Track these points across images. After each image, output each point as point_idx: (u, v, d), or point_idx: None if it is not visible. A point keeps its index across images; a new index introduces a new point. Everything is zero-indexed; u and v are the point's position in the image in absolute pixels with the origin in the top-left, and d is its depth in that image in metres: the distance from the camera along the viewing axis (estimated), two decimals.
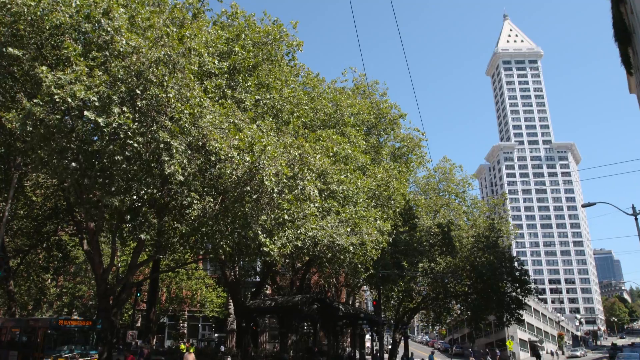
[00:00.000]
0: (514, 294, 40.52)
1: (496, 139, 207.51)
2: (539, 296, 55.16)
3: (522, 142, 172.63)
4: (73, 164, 19.39)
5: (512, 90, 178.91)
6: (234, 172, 16.72)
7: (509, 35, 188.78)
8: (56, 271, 35.01)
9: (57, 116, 16.48)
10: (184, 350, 31.99)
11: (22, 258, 33.60)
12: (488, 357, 57.77)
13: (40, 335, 22.30)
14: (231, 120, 17.85)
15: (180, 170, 16.31)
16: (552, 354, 77.38)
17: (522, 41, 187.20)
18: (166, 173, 16.32)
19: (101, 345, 24.13)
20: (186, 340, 44.82)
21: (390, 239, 25.75)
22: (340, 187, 21.82)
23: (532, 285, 42.18)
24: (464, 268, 40.14)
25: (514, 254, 66.28)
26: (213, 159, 17.05)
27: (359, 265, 23.69)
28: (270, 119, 20.82)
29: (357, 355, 36.14)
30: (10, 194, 20.96)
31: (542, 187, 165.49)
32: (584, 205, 26.64)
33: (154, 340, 41.90)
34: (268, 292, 42.91)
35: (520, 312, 42.35)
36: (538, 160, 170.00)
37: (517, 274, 40.61)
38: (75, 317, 40.16)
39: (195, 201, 17.04)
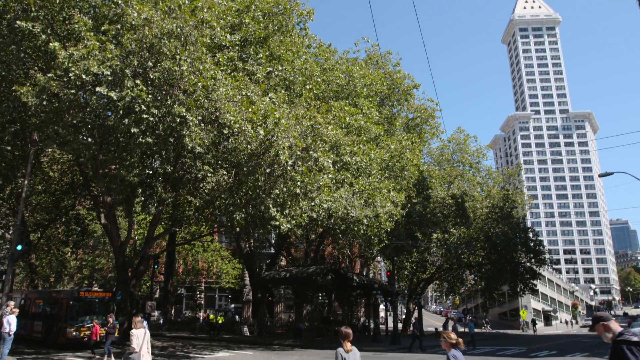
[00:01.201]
0: (528, 264, 40.52)
1: (512, 109, 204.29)
2: (554, 266, 55.02)
3: (538, 112, 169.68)
4: (89, 139, 19.59)
5: (528, 58, 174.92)
6: (247, 146, 16.72)
7: (526, 2, 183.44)
8: (75, 245, 35.77)
9: (72, 91, 16.55)
10: (213, 320, 32.98)
11: (42, 232, 34.35)
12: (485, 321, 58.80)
13: (63, 306, 22.94)
14: (244, 93, 17.76)
15: (200, 143, 16.38)
16: (566, 323, 77.77)
17: (539, 7, 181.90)
18: (188, 147, 16.37)
19: (121, 316, 24.77)
20: (204, 310, 45.79)
21: (404, 211, 25.74)
22: (354, 158, 21.74)
23: (547, 256, 42.14)
24: (477, 239, 40.13)
25: (529, 224, 66.05)
26: (226, 132, 17.05)
27: (373, 237, 23.80)
28: (283, 91, 20.68)
29: (372, 325, 36.64)
30: (28, 170, 21.26)
31: (558, 157, 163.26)
32: (600, 175, 26.26)
33: (172, 310, 42.91)
34: (283, 263, 43.43)
35: (534, 282, 42.43)
36: (554, 130, 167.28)
37: (532, 244, 40.52)
38: (96, 288, 41.17)
39: (209, 174, 17.14)
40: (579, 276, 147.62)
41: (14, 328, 16.56)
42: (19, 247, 20.08)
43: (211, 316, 34.60)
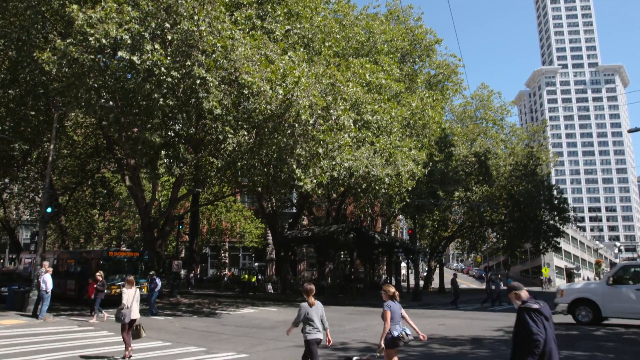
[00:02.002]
0: (551, 222, 40.16)
1: (538, 64, 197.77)
2: (578, 224, 54.43)
3: (565, 66, 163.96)
4: (110, 102, 19.73)
5: (557, 9, 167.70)
6: (267, 106, 16.63)
7: None
8: (102, 206, 36.72)
9: (91, 56, 16.57)
10: (245, 279, 33.95)
11: (70, 195, 35.25)
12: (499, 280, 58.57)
13: (93, 265, 23.74)
14: (262, 53, 17.52)
15: (217, 105, 16.35)
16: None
17: None
18: (206, 109, 16.39)
19: (149, 274, 25.58)
20: (228, 269, 46.98)
21: (426, 170, 25.54)
22: (374, 117, 21.47)
23: (571, 213, 41.65)
24: (500, 197, 39.79)
25: (553, 182, 64.99)
26: (246, 92, 16.94)
27: (394, 196, 23.76)
28: (302, 50, 20.33)
29: (393, 282, 37.14)
30: (53, 134, 21.58)
31: (585, 112, 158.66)
32: (630, 131, 25.44)
33: (198, 269, 44.10)
34: (304, 222, 43.93)
35: (558, 240, 42.15)
36: (582, 85, 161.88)
37: (556, 202, 40.04)
38: (124, 248, 42.46)
39: (229, 135, 17.17)
40: (604, 234, 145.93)
41: (50, 286, 17.28)
42: (49, 210, 20.64)
43: (243, 275, 35.58)
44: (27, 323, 16.24)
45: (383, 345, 7.44)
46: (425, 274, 48.95)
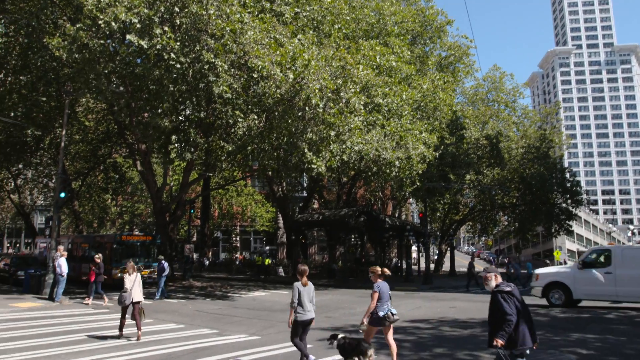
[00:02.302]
0: (564, 205, 39.81)
1: (551, 44, 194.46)
2: (591, 207, 53.93)
3: (580, 47, 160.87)
4: (121, 87, 19.77)
5: None
6: (277, 90, 16.56)
7: None
8: (114, 191, 37.08)
9: (101, 41, 16.56)
10: (259, 262, 34.40)
11: (83, 180, 35.61)
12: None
13: (107, 249, 24.08)
14: (272, 36, 17.38)
15: (228, 90, 16.31)
16: None
17: None
18: (215, 93, 16.35)
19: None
20: (239, 253, 47.39)
21: (437, 153, 25.38)
22: (385, 100, 21.29)
23: (584, 196, 41.24)
24: (512, 180, 39.49)
25: (566, 164, 64.34)
26: (255, 76, 16.86)
27: (405, 179, 23.66)
28: (311, 32, 20.12)
29: (404, 266, 37.23)
30: (65, 120, 21.73)
31: (599, 94, 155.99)
32: None
33: (210, 253, 44.53)
34: (315, 206, 44.03)
35: (570, 223, 41.82)
36: (597, 65, 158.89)
37: (568, 185, 39.63)
38: (137, 233, 42.92)
39: (239, 119, 17.14)
40: (617, 217, 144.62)
41: (65, 270, 17.57)
42: (63, 195, 20.88)
43: (257, 258, 36.07)
44: (44, 306, 16.56)
45: (366, 322, 7.79)
46: (436, 257, 48.97)
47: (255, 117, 17.53)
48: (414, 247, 48.89)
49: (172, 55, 15.84)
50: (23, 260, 26.89)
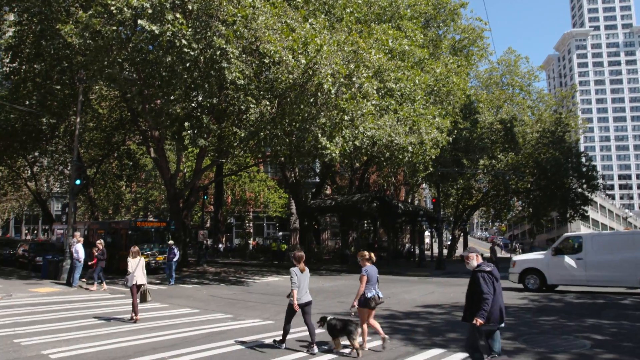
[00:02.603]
0: (579, 190, 39.37)
1: (568, 26, 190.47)
2: (607, 192, 53.21)
3: (597, 28, 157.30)
4: (133, 75, 19.83)
5: None
6: (289, 75, 16.47)
7: None
8: (129, 178, 37.43)
9: (114, 27, 16.58)
10: (274, 248, 34.76)
11: (98, 167, 35.97)
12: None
13: (123, 235, 24.39)
14: (283, 21, 17.25)
15: (240, 76, 16.27)
16: None
17: None
18: (228, 79, 16.33)
19: (177, 244, 26.14)
20: (252, 238, 47.69)
21: (450, 138, 25.15)
22: (398, 84, 21.08)
23: (600, 181, 40.71)
24: (526, 164, 39.08)
25: (582, 148, 63.40)
26: (267, 62, 16.79)
27: (418, 164, 23.52)
28: (323, 16, 19.93)
29: (417, 251, 37.20)
30: (79, 108, 21.90)
31: (617, 76, 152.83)
32: None
33: (223, 239, 44.91)
34: (328, 192, 44.06)
35: (585, 208, 41.38)
36: (615, 47, 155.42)
37: (584, 169, 39.13)
38: (151, 219, 43.37)
39: (252, 105, 17.12)
40: (634, 202, 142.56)
41: (82, 256, 17.87)
42: (78, 182, 21.15)
43: (273, 244, 36.67)
44: (62, 291, 16.87)
45: (356, 305, 8.13)
46: (449, 242, 48.83)
47: (268, 102, 17.49)
48: (426, 233, 48.84)
49: (184, 41, 15.83)
50: (41, 247, 27.38)
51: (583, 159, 40.71)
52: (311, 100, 17.26)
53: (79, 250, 17.84)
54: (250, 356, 7.81)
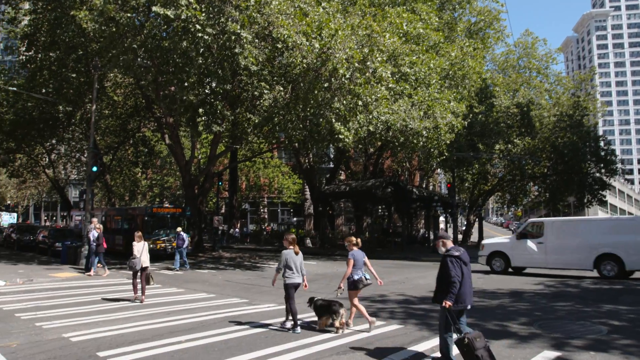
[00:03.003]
0: (597, 174, 38.75)
1: (587, 7, 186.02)
2: (626, 177, 52.31)
3: (618, 8, 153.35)
4: (147, 62, 19.87)
5: None
6: (303, 60, 16.37)
7: None
8: (144, 165, 37.81)
9: (127, 14, 16.60)
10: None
11: (114, 154, 36.36)
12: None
13: (139, 221, 24.70)
14: (296, 5, 17.10)
15: (254, 61, 16.22)
16: None
17: None
18: (242, 65, 16.29)
19: (192, 229, 26.41)
20: (267, 224, 47.96)
21: (466, 122, 24.87)
22: (412, 68, 20.85)
23: (619, 165, 40.01)
24: (543, 149, 38.53)
25: (601, 132, 62.27)
26: (280, 47, 16.70)
27: (432, 149, 23.35)
28: (336, 0, 19.71)
29: (431, 236, 37.10)
30: (94, 95, 22.08)
31: (637, 58, 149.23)
32: None
33: (238, 224, 45.24)
34: (342, 177, 44.01)
35: (603, 193, 40.75)
36: (636, 28, 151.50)
37: (603, 153, 38.44)
38: (167, 205, 43.84)
39: (265, 91, 17.09)
40: None
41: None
42: (95, 169, 21.40)
43: (292, 230, 37.29)
44: (81, 276, 17.19)
45: (343, 286, 8.56)
46: (464, 228, 48.58)
47: (281, 88, 17.44)
48: (441, 218, 48.60)
49: (198, 26, 15.81)
50: (60, 233, 27.89)
51: (601, 143, 39.99)
52: (325, 85, 17.16)
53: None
54: (266, 340, 7.90)
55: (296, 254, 8.67)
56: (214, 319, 9.70)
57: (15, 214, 63.11)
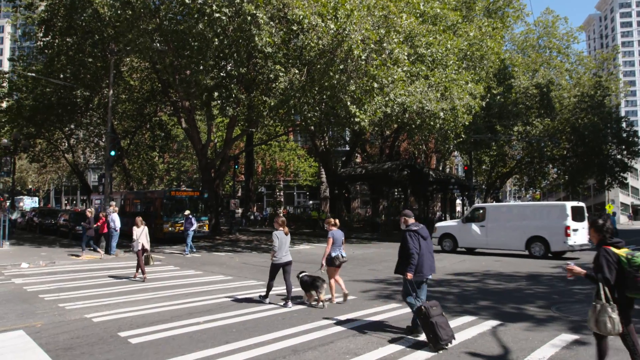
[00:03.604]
0: (618, 156, 38.01)
1: None
2: None
3: None
4: (164, 45, 19.90)
5: None
6: (318, 42, 16.22)
7: None
8: (161, 149, 38.10)
9: None
10: (315, 217, 35.66)
11: (131, 139, 36.71)
12: None
13: (158, 204, 25.00)
14: None
15: (270, 41, 16.13)
16: None
17: None
18: (258, 46, 16.20)
19: (209, 212, 26.66)
20: (283, 207, 48.21)
21: (484, 103, 24.48)
22: (429, 49, 20.51)
23: None
24: (563, 131, 37.87)
25: (623, 113, 60.91)
26: (295, 28, 16.56)
27: (449, 132, 23.10)
28: None
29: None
30: (111, 80, 22.22)
31: None
32: None
33: (255, 207, 45.54)
34: (358, 160, 43.87)
35: (625, 175, 40.03)
36: None
37: (624, 135, 37.66)
38: (184, 188, 44.25)
39: (280, 74, 17.01)
40: None
41: (118, 225, 18.45)
42: (113, 153, 21.65)
43: (313, 213, 38.47)
44: (101, 258, 17.51)
45: (324, 263, 9.26)
46: None
47: (297, 71, 17.33)
48: (458, 201, 48.29)
49: (215, 6, 15.74)
50: (80, 216, 28.36)
51: (623, 124, 39.13)
52: (341, 67, 17.01)
53: (116, 220, 18.41)
54: (283, 322, 7.97)
55: (286, 234, 9.33)
56: (232, 300, 9.82)
57: (36, 198, 64.39)
